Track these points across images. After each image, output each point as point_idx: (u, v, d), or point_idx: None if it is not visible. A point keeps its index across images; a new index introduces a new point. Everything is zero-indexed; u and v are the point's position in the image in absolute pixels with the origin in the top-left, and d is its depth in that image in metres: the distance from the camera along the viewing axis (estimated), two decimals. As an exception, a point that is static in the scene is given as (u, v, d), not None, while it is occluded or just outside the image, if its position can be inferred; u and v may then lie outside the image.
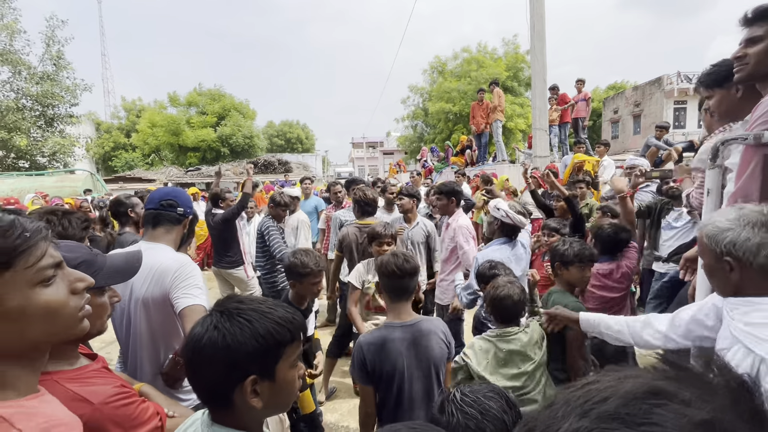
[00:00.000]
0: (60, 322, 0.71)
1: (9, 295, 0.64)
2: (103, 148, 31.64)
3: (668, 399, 0.25)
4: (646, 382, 0.27)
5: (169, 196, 1.73)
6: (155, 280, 1.56)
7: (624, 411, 0.25)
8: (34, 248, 0.69)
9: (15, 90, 15.39)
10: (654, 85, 23.22)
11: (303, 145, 40.59)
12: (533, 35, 8.26)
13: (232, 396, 0.79)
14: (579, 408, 0.27)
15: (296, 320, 0.86)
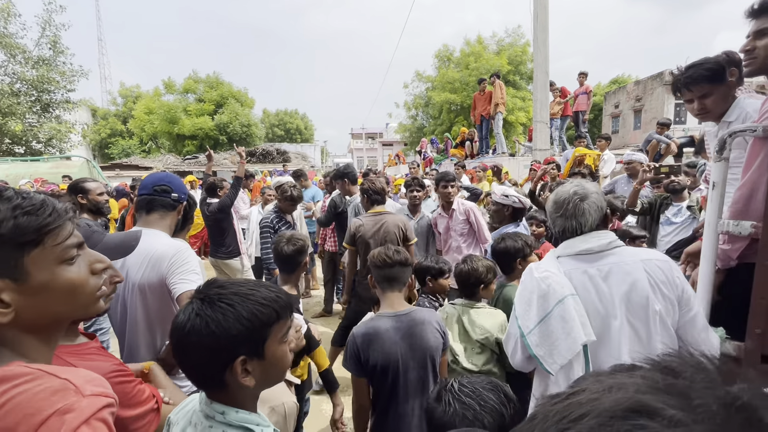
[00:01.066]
0: (80, 300, 0.75)
1: (36, 270, 0.68)
2: (100, 135, 31.37)
3: (650, 418, 0.23)
4: (628, 396, 0.24)
5: (162, 182, 1.71)
6: (151, 265, 1.55)
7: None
8: (62, 227, 0.72)
9: (9, 74, 15.17)
10: (656, 80, 23.10)
11: (302, 135, 40.36)
12: (536, 26, 8.15)
13: (223, 378, 0.80)
14: (554, 426, 0.25)
15: (281, 298, 0.86)
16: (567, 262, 1.38)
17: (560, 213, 1.39)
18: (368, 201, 3.16)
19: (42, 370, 0.64)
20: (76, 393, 0.62)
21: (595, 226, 1.37)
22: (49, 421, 0.58)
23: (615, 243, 1.35)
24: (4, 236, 0.65)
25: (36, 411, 0.59)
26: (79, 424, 0.59)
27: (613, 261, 1.33)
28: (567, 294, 1.31)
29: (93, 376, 0.69)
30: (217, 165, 20.28)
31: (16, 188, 0.73)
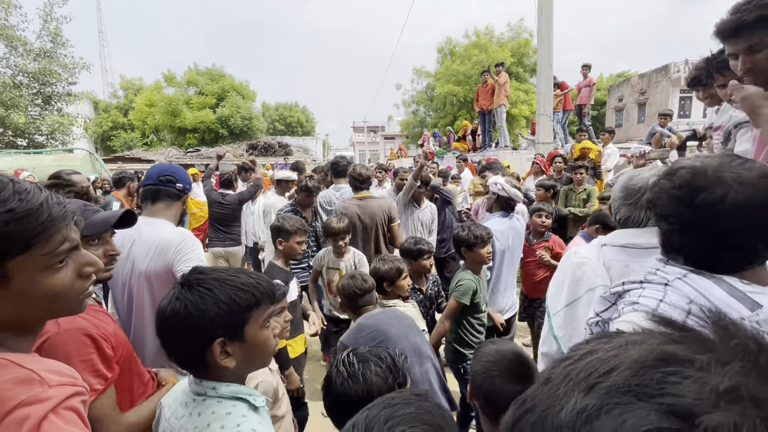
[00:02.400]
0: (60, 304, 0.72)
1: (19, 276, 0.65)
2: (101, 128, 31.31)
3: (682, 365, 0.23)
4: (653, 347, 0.24)
5: (167, 172, 1.73)
6: (157, 253, 1.57)
7: (635, 382, 0.22)
8: (56, 234, 0.68)
9: (11, 66, 15.13)
10: (660, 73, 22.88)
11: (303, 128, 40.21)
12: (540, 18, 8.07)
13: (204, 359, 0.85)
14: (583, 383, 0.24)
15: (261, 285, 0.89)
16: (611, 252, 1.30)
17: (630, 201, 1.28)
18: (353, 187, 3.34)
19: (8, 360, 0.63)
20: (41, 383, 0.61)
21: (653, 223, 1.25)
22: (14, 413, 0.57)
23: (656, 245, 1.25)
24: None
25: (1, 402, 0.58)
26: (45, 413, 0.58)
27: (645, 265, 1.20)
28: (599, 284, 1.26)
29: (59, 366, 0.68)
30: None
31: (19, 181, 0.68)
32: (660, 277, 0.86)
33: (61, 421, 0.59)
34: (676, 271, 0.84)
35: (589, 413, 0.22)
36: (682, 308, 0.78)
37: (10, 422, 0.57)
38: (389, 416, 0.61)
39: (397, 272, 2.08)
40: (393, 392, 0.69)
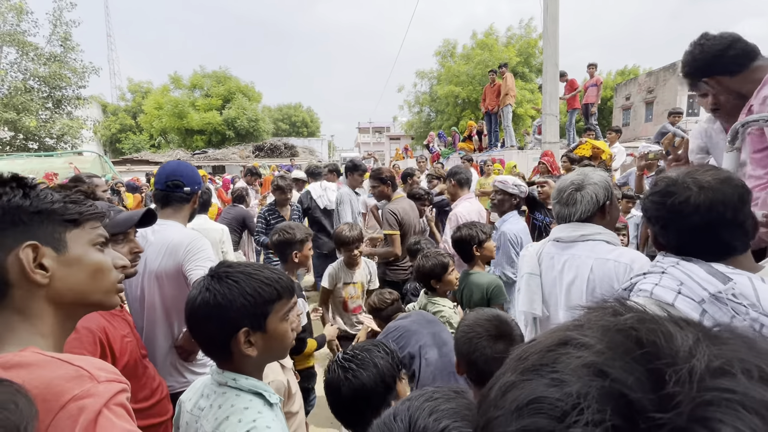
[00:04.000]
0: (103, 284, 0.80)
1: (74, 245, 0.76)
2: (110, 130, 31.71)
3: (572, 346, 0.29)
4: (559, 333, 0.31)
5: (174, 176, 1.75)
6: (168, 254, 1.62)
7: (539, 363, 0.29)
8: (96, 220, 0.82)
9: (23, 71, 15.39)
10: (669, 71, 22.63)
11: (308, 129, 40.35)
12: (546, 17, 8.03)
13: (229, 347, 0.89)
14: (514, 362, 0.31)
15: (282, 280, 0.95)
16: (548, 245, 1.55)
17: (557, 200, 1.52)
18: (391, 188, 3.33)
19: (56, 358, 0.66)
20: (90, 379, 0.64)
21: (585, 216, 1.45)
22: (68, 407, 0.59)
23: (587, 236, 1.44)
24: (55, 211, 0.74)
25: (53, 397, 0.60)
26: (99, 408, 0.61)
27: (572, 253, 1.46)
28: (526, 271, 1.58)
29: (104, 365, 0.71)
30: (226, 159, 20.46)
31: None
32: (659, 267, 1.01)
33: (114, 417, 0.62)
34: (671, 260, 1.00)
35: (507, 387, 0.30)
36: (673, 289, 0.94)
37: (66, 415, 0.59)
38: (433, 409, 0.63)
39: (443, 267, 2.04)
40: (432, 386, 0.70)
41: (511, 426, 0.27)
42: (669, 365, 0.25)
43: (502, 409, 0.29)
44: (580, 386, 0.26)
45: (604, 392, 0.25)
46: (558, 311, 1.48)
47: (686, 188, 0.95)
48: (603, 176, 1.48)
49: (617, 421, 0.24)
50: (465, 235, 2.31)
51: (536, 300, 1.53)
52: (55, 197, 0.76)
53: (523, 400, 0.28)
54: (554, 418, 0.26)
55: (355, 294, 2.70)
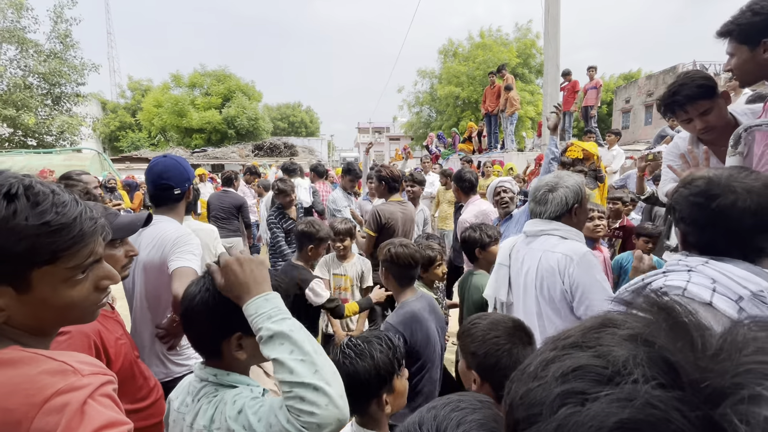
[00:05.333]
0: (74, 314, 0.74)
1: (40, 286, 0.66)
2: (109, 128, 31.62)
3: (614, 326, 0.32)
4: (599, 319, 0.34)
5: (162, 179, 1.74)
6: (156, 247, 1.67)
7: (581, 340, 0.32)
8: (83, 249, 0.69)
9: (22, 67, 15.33)
10: (669, 74, 22.68)
11: (307, 129, 40.30)
12: (547, 19, 8.06)
13: (220, 348, 0.90)
14: (552, 343, 0.34)
15: (280, 287, 0.94)
16: (521, 239, 1.73)
17: (532, 198, 1.69)
18: (387, 189, 3.19)
19: (38, 354, 0.65)
20: (74, 373, 0.63)
21: (554, 216, 1.61)
22: (53, 401, 0.59)
23: (545, 231, 1.60)
24: (18, 254, 0.62)
25: (37, 392, 0.59)
26: (84, 399, 0.60)
27: (532, 246, 1.63)
28: (498, 261, 1.80)
29: (87, 359, 0.70)
30: (225, 158, 20.42)
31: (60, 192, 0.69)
32: (682, 265, 1.01)
33: (100, 406, 0.62)
34: (698, 259, 0.99)
35: (547, 361, 0.32)
36: (707, 286, 0.93)
37: (50, 409, 0.58)
38: (461, 420, 0.62)
39: (429, 260, 2.23)
40: (456, 394, 0.69)
41: (556, 390, 0.29)
42: (708, 338, 0.28)
43: (543, 379, 0.30)
44: (627, 353, 0.28)
45: (651, 356, 0.27)
46: (519, 298, 1.66)
47: (732, 191, 0.93)
48: (576, 181, 1.62)
49: (664, 379, 0.26)
50: (469, 236, 2.37)
51: (502, 287, 1.74)
52: (28, 230, 0.62)
53: (567, 368, 0.29)
54: (601, 381, 0.27)
55: (343, 285, 2.83)
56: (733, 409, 0.24)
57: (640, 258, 2.73)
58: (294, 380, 0.76)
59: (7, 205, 0.61)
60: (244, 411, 0.80)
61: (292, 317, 0.85)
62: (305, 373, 0.76)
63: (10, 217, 0.61)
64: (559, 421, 0.27)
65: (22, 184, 0.64)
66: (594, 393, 0.27)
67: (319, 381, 0.76)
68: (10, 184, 0.62)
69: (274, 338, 0.80)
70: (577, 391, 0.27)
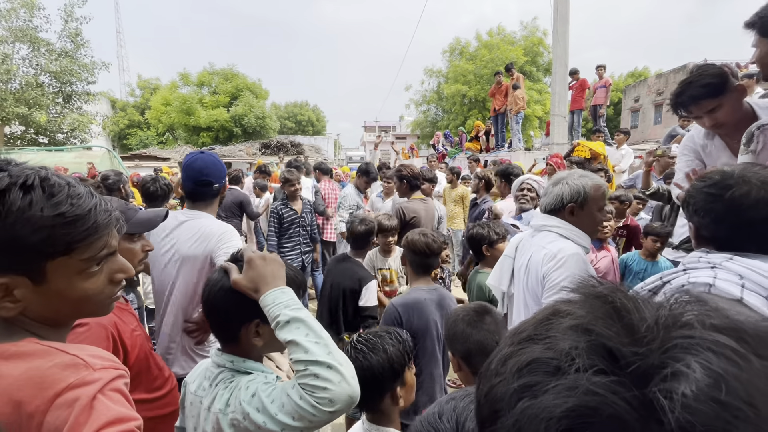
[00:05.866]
0: (89, 307, 0.75)
1: (55, 277, 0.67)
2: (119, 126, 31.97)
3: (560, 316, 0.34)
4: (549, 309, 0.36)
5: (203, 176, 1.77)
6: (199, 241, 1.69)
7: (534, 333, 0.34)
8: (97, 241, 0.70)
9: (34, 66, 15.56)
10: (679, 73, 22.39)
11: (314, 128, 40.40)
12: (556, 18, 7.99)
13: (238, 333, 0.94)
14: (510, 338, 0.36)
15: (297, 278, 1.01)
16: (528, 232, 1.76)
17: (544, 191, 1.73)
18: (408, 187, 3.31)
19: (52, 347, 0.66)
20: (86, 367, 0.64)
21: (549, 209, 1.64)
22: (64, 395, 0.60)
23: (546, 227, 1.63)
24: (34, 245, 0.63)
25: (49, 385, 0.61)
26: (94, 394, 0.61)
27: (533, 240, 1.67)
28: (504, 253, 1.83)
29: (100, 352, 0.71)
30: (232, 156, 20.56)
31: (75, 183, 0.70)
32: (704, 263, 1.01)
33: (110, 401, 0.63)
34: (722, 256, 0.99)
35: (506, 357, 0.34)
36: (736, 282, 0.92)
37: (61, 403, 0.59)
38: None
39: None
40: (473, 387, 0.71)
41: (513, 385, 0.31)
42: (640, 320, 0.31)
43: (503, 374, 0.32)
44: (570, 343, 0.30)
45: (590, 345, 0.30)
46: (518, 290, 1.71)
47: (746, 182, 0.95)
48: (581, 183, 1.57)
49: (603, 365, 0.28)
50: (476, 233, 2.35)
51: (504, 278, 1.77)
52: (43, 221, 0.63)
53: (522, 363, 0.31)
54: (550, 372, 0.30)
55: (389, 278, 2.92)
56: (659, 386, 0.26)
57: None
58: (309, 359, 0.79)
59: (23, 196, 0.62)
60: (258, 394, 0.84)
61: (306, 309, 0.89)
62: (320, 353, 0.80)
63: (26, 207, 0.62)
64: (517, 415, 0.29)
65: (38, 175, 0.65)
66: (544, 385, 0.29)
67: (333, 360, 0.80)
68: (26, 175, 0.64)
69: (290, 322, 0.84)
70: (531, 384, 0.30)
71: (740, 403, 0.25)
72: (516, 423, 0.29)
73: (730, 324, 0.30)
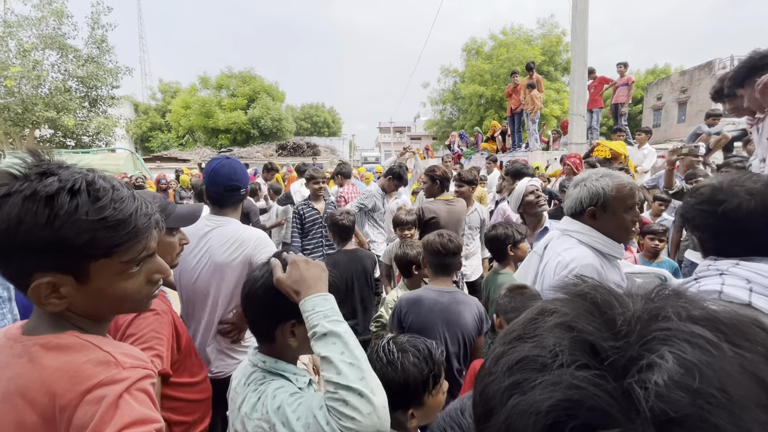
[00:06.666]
0: (128, 305, 0.79)
1: (98, 277, 0.71)
2: (141, 129, 32.94)
3: (546, 315, 0.35)
4: (536, 308, 0.38)
5: (232, 181, 1.77)
6: (235, 247, 1.70)
7: (523, 332, 0.35)
8: (137, 244, 0.73)
9: (62, 72, 16.17)
10: (704, 70, 21.64)
11: (329, 129, 40.69)
12: (575, 15, 7.84)
13: (274, 333, 0.95)
14: (502, 337, 0.37)
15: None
16: (558, 234, 1.68)
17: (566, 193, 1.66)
18: (440, 188, 3.31)
19: (89, 342, 0.70)
20: (116, 365, 0.68)
21: (570, 213, 1.57)
22: (94, 392, 0.64)
23: (567, 232, 1.58)
24: (79, 247, 0.66)
25: (82, 381, 0.65)
26: (120, 392, 0.65)
27: (555, 243, 1.62)
28: (534, 250, 1.79)
29: (131, 350, 0.75)
30: (250, 158, 20.92)
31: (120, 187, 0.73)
32: (713, 270, 1.03)
33: (135, 401, 0.66)
34: (728, 262, 1.01)
35: (498, 356, 0.35)
36: (743, 287, 0.94)
37: (90, 400, 0.63)
38: None
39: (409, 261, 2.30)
40: None
41: (504, 383, 0.32)
42: (621, 315, 0.32)
43: (495, 373, 0.34)
44: (554, 340, 0.32)
45: (573, 341, 0.31)
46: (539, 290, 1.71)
47: (735, 195, 0.99)
48: (600, 184, 1.46)
49: (585, 359, 0.30)
50: (501, 234, 2.27)
51: (529, 275, 1.73)
52: (88, 224, 0.66)
53: (512, 361, 0.33)
54: (537, 369, 0.31)
55: None
56: (635, 377, 0.27)
57: None
58: (340, 382, 0.76)
59: (71, 200, 0.65)
60: (283, 407, 0.82)
61: (345, 322, 0.88)
62: (352, 377, 0.77)
63: (73, 211, 0.65)
64: (508, 411, 0.31)
65: (85, 179, 0.68)
66: (532, 381, 0.30)
67: (365, 388, 0.76)
68: (74, 179, 0.67)
69: (327, 336, 0.82)
70: (520, 381, 0.31)
71: (713, 390, 0.26)
72: (507, 419, 0.31)
73: (705, 315, 0.31)
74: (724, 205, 0.99)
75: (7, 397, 0.66)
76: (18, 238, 0.63)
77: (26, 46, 14.86)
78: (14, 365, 0.67)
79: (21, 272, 0.67)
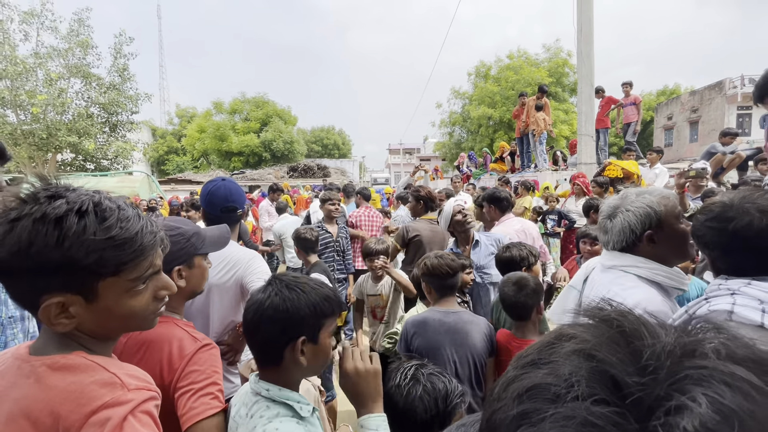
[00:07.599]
0: (135, 322, 0.79)
1: (106, 295, 0.72)
2: (158, 152, 33.95)
3: (564, 340, 0.32)
4: (554, 332, 0.35)
5: (228, 202, 1.80)
6: (228, 268, 1.69)
7: (537, 357, 0.32)
8: (143, 262, 0.75)
9: (85, 99, 16.91)
10: (714, 90, 21.61)
11: (340, 151, 41.35)
12: (580, 39, 7.97)
13: (283, 353, 0.92)
14: (515, 361, 0.35)
15: (337, 297, 1.00)
16: (599, 267, 1.47)
17: (598, 226, 1.43)
18: (424, 207, 3.37)
19: (95, 362, 0.71)
20: (121, 387, 0.68)
21: (620, 247, 1.32)
22: (99, 413, 0.64)
23: (619, 267, 1.33)
24: (88, 266, 0.68)
25: (86, 402, 0.65)
26: (124, 415, 0.65)
27: (603, 278, 1.38)
28: (570, 283, 1.66)
29: (137, 371, 0.75)
30: (262, 179, 21.31)
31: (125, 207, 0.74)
32: (724, 289, 0.99)
33: (138, 424, 0.66)
34: (740, 282, 0.97)
35: (509, 381, 0.32)
36: (755, 308, 0.89)
37: (95, 422, 0.63)
38: None
39: None
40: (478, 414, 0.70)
41: (512, 411, 0.30)
42: (650, 347, 0.28)
43: (504, 400, 0.31)
44: (571, 369, 0.29)
45: (592, 371, 0.28)
46: None
47: (746, 212, 0.96)
48: (645, 202, 1.28)
49: (605, 394, 0.27)
50: (514, 255, 2.22)
51: (567, 311, 1.60)
52: (96, 244, 0.67)
53: (522, 388, 0.30)
54: (549, 399, 0.28)
55: (381, 304, 2.86)
56: (662, 420, 0.24)
57: None
58: None
59: (79, 221, 0.67)
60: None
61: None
62: None
63: (81, 232, 0.67)
64: None
65: (92, 200, 0.70)
66: (543, 412, 0.28)
67: None
68: (81, 201, 0.69)
69: None
70: (530, 411, 0.29)
71: None
72: None
73: (750, 354, 0.27)
74: (735, 223, 0.96)
75: (12, 418, 0.66)
76: (29, 259, 0.64)
77: (53, 75, 15.62)
78: (21, 385, 0.68)
79: (31, 293, 0.68)
